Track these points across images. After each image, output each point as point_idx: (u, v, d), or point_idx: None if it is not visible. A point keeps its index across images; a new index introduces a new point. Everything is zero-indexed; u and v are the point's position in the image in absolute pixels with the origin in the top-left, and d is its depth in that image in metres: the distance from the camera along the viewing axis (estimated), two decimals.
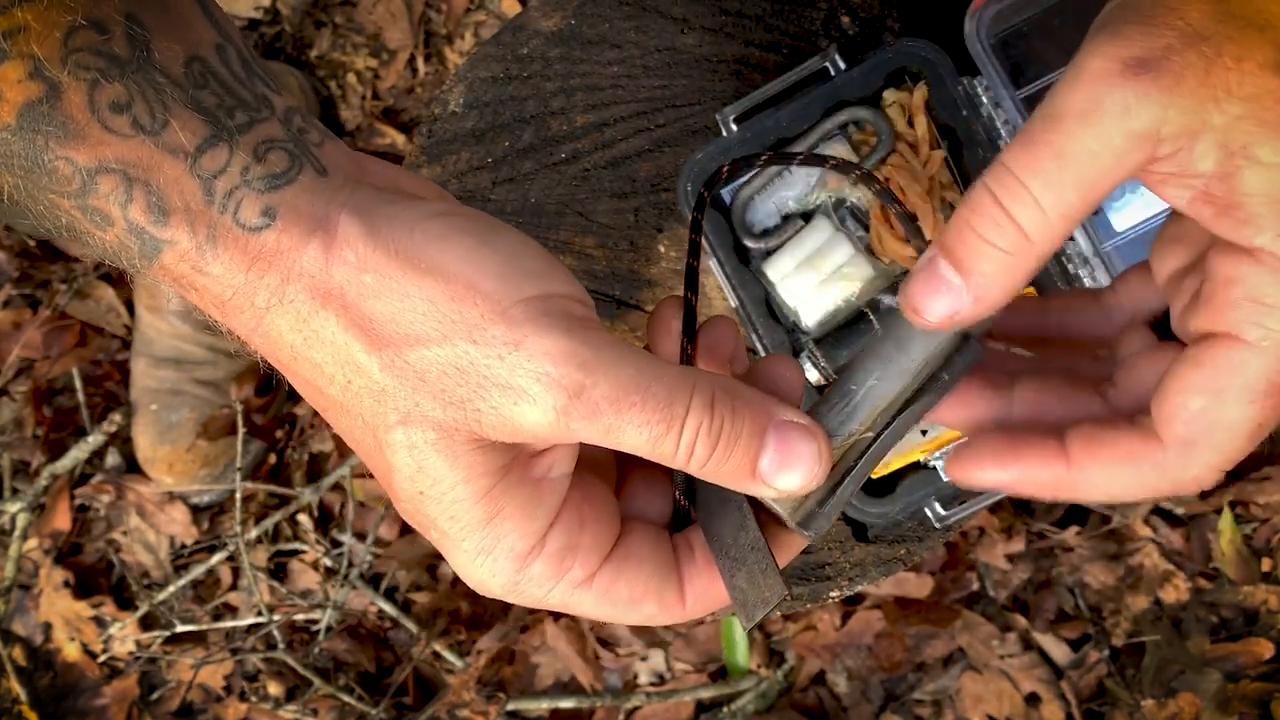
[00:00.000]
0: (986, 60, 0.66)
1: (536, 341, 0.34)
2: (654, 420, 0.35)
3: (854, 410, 0.38)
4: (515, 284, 0.35)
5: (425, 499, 0.36)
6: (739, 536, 0.39)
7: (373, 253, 0.35)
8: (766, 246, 0.68)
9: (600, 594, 0.38)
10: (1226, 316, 0.34)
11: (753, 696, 1.24)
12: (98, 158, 0.34)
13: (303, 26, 1.35)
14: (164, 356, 1.25)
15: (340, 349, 0.35)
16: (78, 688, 1.32)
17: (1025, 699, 1.23)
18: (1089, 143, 0.33)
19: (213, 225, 0.35)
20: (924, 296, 0.35)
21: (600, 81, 0.75)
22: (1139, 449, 0.36)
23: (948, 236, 0.35)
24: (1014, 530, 1.25)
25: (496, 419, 0.35)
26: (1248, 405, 0.34)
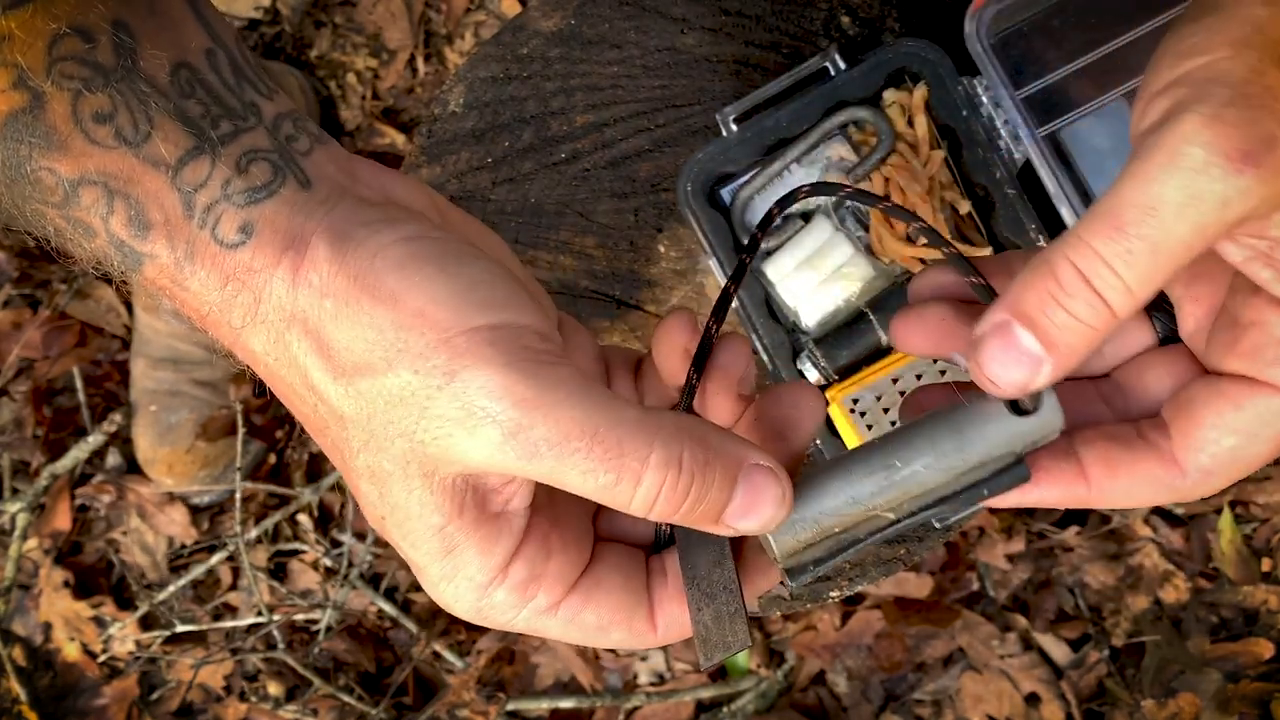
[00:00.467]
0: (986, 60, 0.66)
1: (474, 374, 0.33)
2: (600, 468, 0.33)
3: (891, 488, 0.36)
4: (465, 313, 0.34)
5: (387, 524, 0.36)
6: (714, 572, 0.38)
7: (334, 277, 0.34)
8: (766, 246, 0.68)
9: (566, 621, 0.37)
10: (1272, 372, 0.35)
11: (753, 696, 1.24)
12: (80, 169, 0.34)
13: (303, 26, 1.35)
14: (161, 357, 1.25)
15: (305, 373, 0.35)
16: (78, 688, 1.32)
17: (1025, 699, 1.23)
18: (1185, 235, 0.32)
19: (191, 240, 0.34)
20: (1003, 367, 0.34)
21: (600, 81, 0.75)
22: (1157, 472, 0.37)
23: (1028, 306, 0.34)
24: (1014, 530, 1.25)
25: (438, 451, 0.34)
26: (1270, 446, 0.36)
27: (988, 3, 0.66)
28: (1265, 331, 0.35)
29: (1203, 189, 0.31)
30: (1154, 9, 0.66)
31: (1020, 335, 0.33)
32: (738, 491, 0.35)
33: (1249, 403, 0.35)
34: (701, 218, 0.68)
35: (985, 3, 0.66)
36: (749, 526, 0.36)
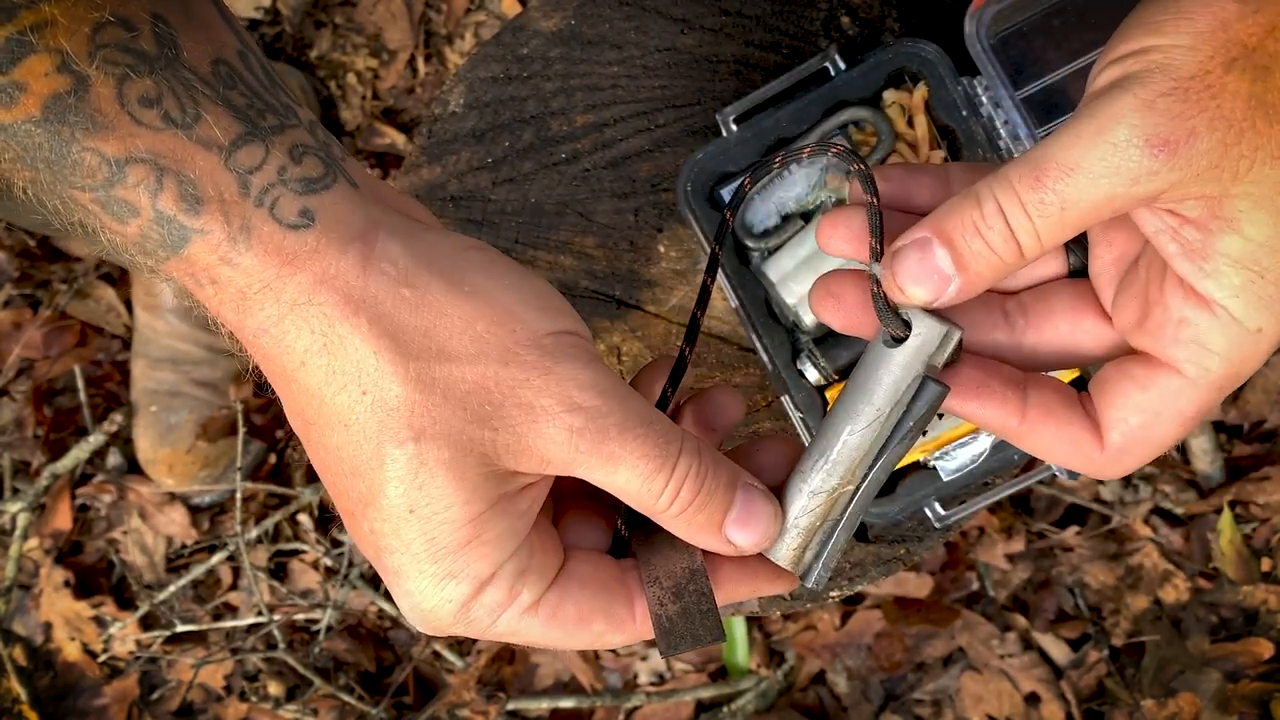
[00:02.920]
0: (986, 60, 0.66)
1: (565, 368, 0.37)
2: (651, 454, 0.37)
3: (833, 466, 0.40)
4: (550, 318, 0.38)
5: (410, 518, 0.36)
6: (679, 574, 0.40)
7: (415, 269, 0.36)
8: (766, 246, 0.68)
9: (548, 617, 0.39)
10: (1173, 351, 0.37)
11: (753, 696, 1.24)
12: (127, 149, 0.34)
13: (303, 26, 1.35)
14: (162, 357, 1.25)
15: (362, 358, 0.36)
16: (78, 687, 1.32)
17: (1025, 699, 1.23)
18: (1095, 199, 0.35)
19: (247, 218, 0.35)
20: (918, 282, 0.37)
21: (600, 81, 0.75)
22: (1082, 438, 0.39)
23: (949, 228, 0.37)
24: (1014, 530, 1.25)
25: (511, 439, 0.36)
26: (1175, 426, 0.38)
27: (988, 3, 0.66)
28: (1167, 312, 0.37)
29: (1118, 164, 0.34)
30: None
31: (937, 252, 0.37)
32: (737, 501, 0.39)
33: (1152, 384, 0.38)
34: (701, 218, 0.68)
35: (985, 3, 0.66)
36: (745, 540, 0.39)
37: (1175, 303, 0.37)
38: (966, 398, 0.40)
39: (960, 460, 0.67)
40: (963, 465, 0.67)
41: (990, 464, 0.67)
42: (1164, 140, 0.34)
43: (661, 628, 0.39)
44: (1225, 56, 0.34)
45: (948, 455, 0.67)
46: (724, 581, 0.41)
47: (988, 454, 0.67)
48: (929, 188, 0.42)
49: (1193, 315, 0.37)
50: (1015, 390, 0.40)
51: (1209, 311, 0.36)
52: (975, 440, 0.66)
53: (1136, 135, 0.34)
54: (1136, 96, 0.34)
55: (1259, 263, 0.35)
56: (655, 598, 0.40)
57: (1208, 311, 0.36)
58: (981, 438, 0.66)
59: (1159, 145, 0.34)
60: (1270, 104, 0.34)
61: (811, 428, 0.68)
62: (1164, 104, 0.34)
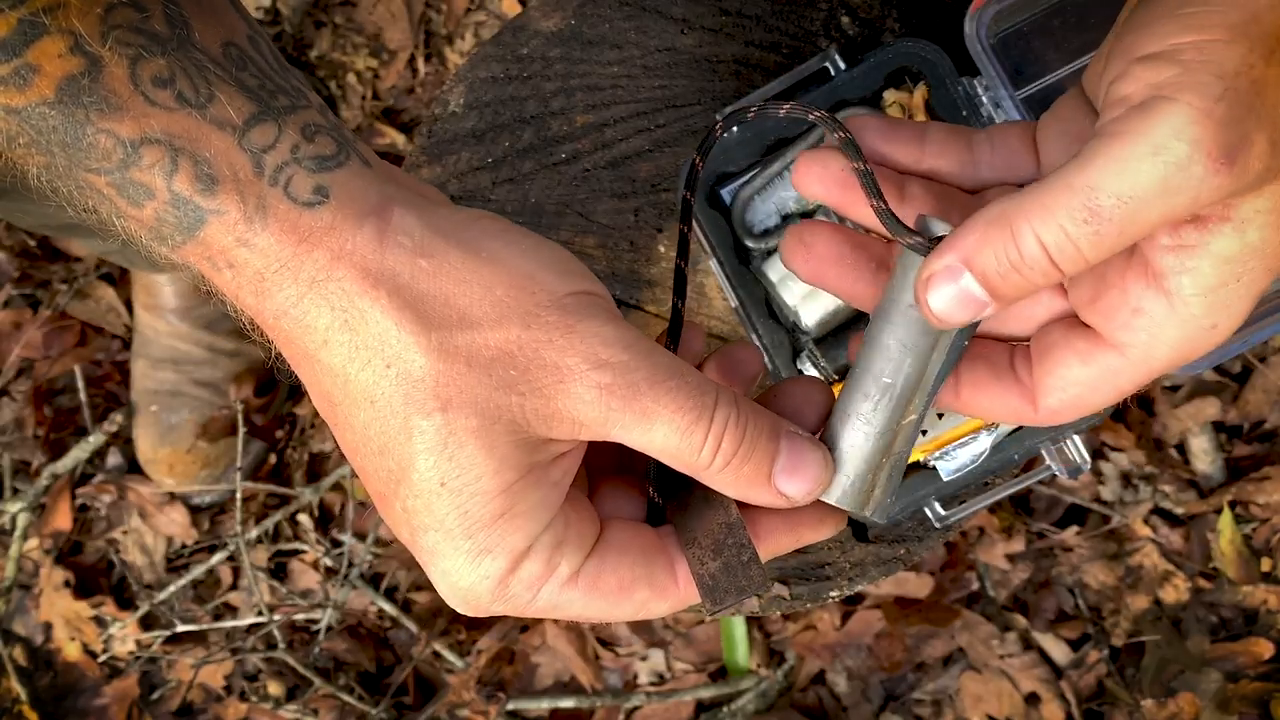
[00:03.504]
0: (986, 60, 0.66)
1: (588, 325, 0.36)
2: (687, 407, 0.36)
3: (896, 400, 0.40)
4: (568, 279, 0.37)
5: (441, 492, 0.36)
6: (717, 530, 0.39)
7: (432, 239, 0.36)
8: (766, 246, 0.68)
9: (588, 587, 0.38)
10: (1122, 335, 0.37)
11: (753, 696, 1.24)
12: (141, 129, 0.34)
13: (303, 26, 1.35)
14: (162, 357, 1.25)
15: (384, 331, 0.35)
16: (78, 687, 1.32)
17: (1025, 699, 1.23)
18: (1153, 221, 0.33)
19: (263, 197, 0.35)
20: (949, 308, 0.37)
21: (600, 81, 0.75)
22: (1014, 403, 0.40)
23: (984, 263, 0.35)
24: (1014, 530, 1.25)
25: (540, 402, 0.36)
26: (1109, 398, 0.39)
27: (988, 3, 0.66)
28: (1124, 299, 0.37)
29: (1181, 184, 0.32)
30: None
31: (971, 285, 0.36)
32: (782, 449, 0.38)
33: (1094, 359, 0.38)
34: (701, 218, 0.68)
35: (985, 3, 0.66)
36: (797, 490, 0.38)
37: (1135, 290, 0.36)
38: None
39: (960, 460, 0.67)
40: (963, 465, 0.67)
41: (990, 464, 0.67)
42: (1226, 152, 0.31)
43: (705, 586, 0.39)
44: (1264, 49, 0.32)
45: (948, 455, 0.67)
46: (765, 535, 0.40)
47: (988, 454, 0.67)
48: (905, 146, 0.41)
49: (1150, 306, 0.36)
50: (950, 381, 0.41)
51: (1168, 304, 0.36)
52: (975, 440, 0.67)
53: (1198, 151, 0.31)
54: (1192, 106, 0.31)
55: (1244, 264, 0.34)
56: (695, 558, 0.39)
57: (1166, 303, 0.36)
58: (981, 437, 0.66)
59: (1222, 158, 0.31)
60: None
61: None
62: (1220, 111, 0.31)
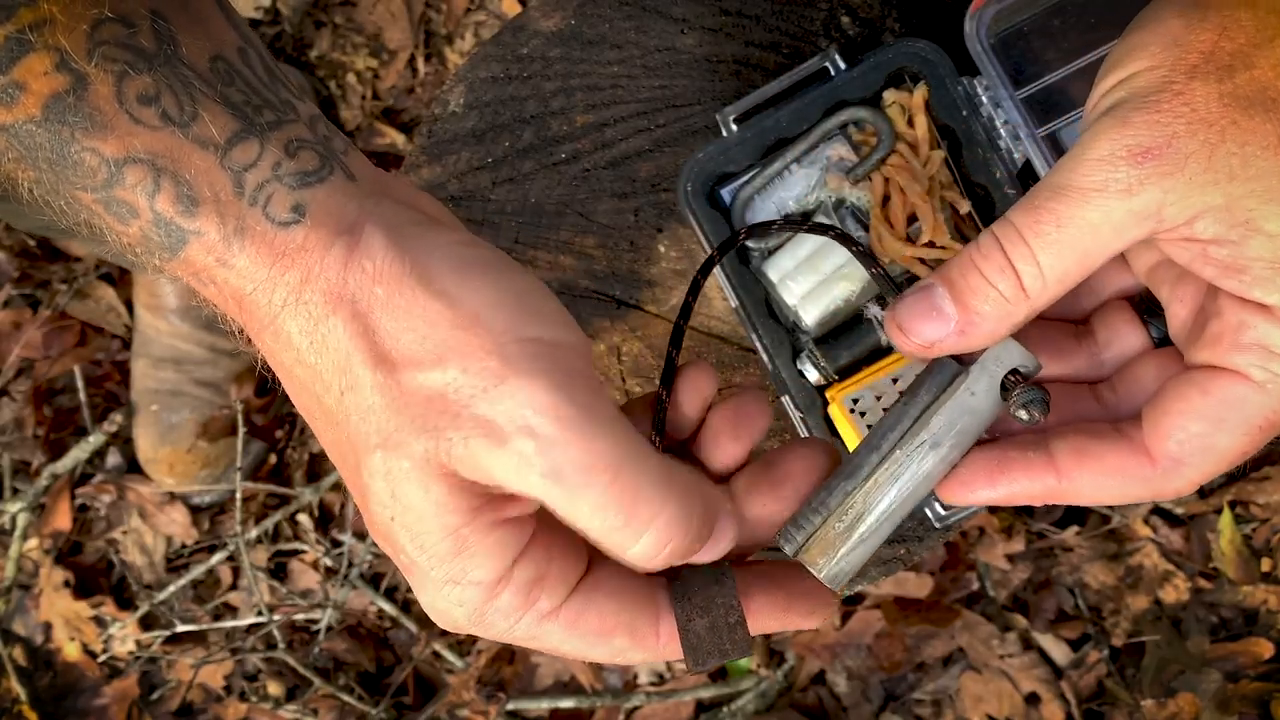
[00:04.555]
0: (986, 60, 0.66)
1: (522, 384, 0.34)
2: (612, 508, 0.34)
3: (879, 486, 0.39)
4: (519, 323, 0.35)
5: (395, 525, 0.36)
6: (710, 588, 0.39)
7: (389, 266, 0.35)
8: (767, 246, 0.68)
9: (568, 625, 0.37)
10: (1235, 358, 0.36)
11: (753, 696, 1.24)
12: (125, 149, 0.34)
13: (303, 26, 1.35)
14: (163, 357, 1.25)
15: (342, 357, 0.35)
16: (78, 687, 1.32)
17: (1025, 699, 1.23)
18: (1091, 215, 0.35)
19: (241, 217, 0.35)
20: (915, 319, 0.38)
21: (600, 81, 0.75)
22: (1127, 463, 0.38)
23: (951, 270, 0.38)
24: (1014, 530, 1.25)
25: (465, 454, 0.34)
26: (1241, 436, 0.36)
27: (988, 3, 0.66)
28: (1223, 321, 0.37)
29: (1105, 178, 0.35)
30: None
31: (938, 295, 0.37)
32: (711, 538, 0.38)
33: (1215, 388, 0.37)
34: (701, 218, 0.68)
35: (985, 3, 0.66)
36: (703, 559, 0.39)
37: (1232, 311, 0.36)
38: (992, 481, 0.39)
39: None
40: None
41: None
42: (1145, 149, 0.35)
43: (689, 642, 0.38)
44: (1185, 66, 0.35)
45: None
46: (755, 613, 0.40)
47: None
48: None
49: (1252, 320, 0.36)
50: (1036, 449, 0.39)
51: (1267, 316, 0.36)
52: None
53: (1118, 148, 0.35)
54: (1113, 116, 0.36)
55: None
56: (683, 613, 0.39)
57: (1266, 316, 0.36)
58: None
59: (1140, 154, 0.35)
60: (1245, 98, 0.34)
61: (811, 428, 0.68)
62: (1138, 117, 0.35)
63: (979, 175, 0.67)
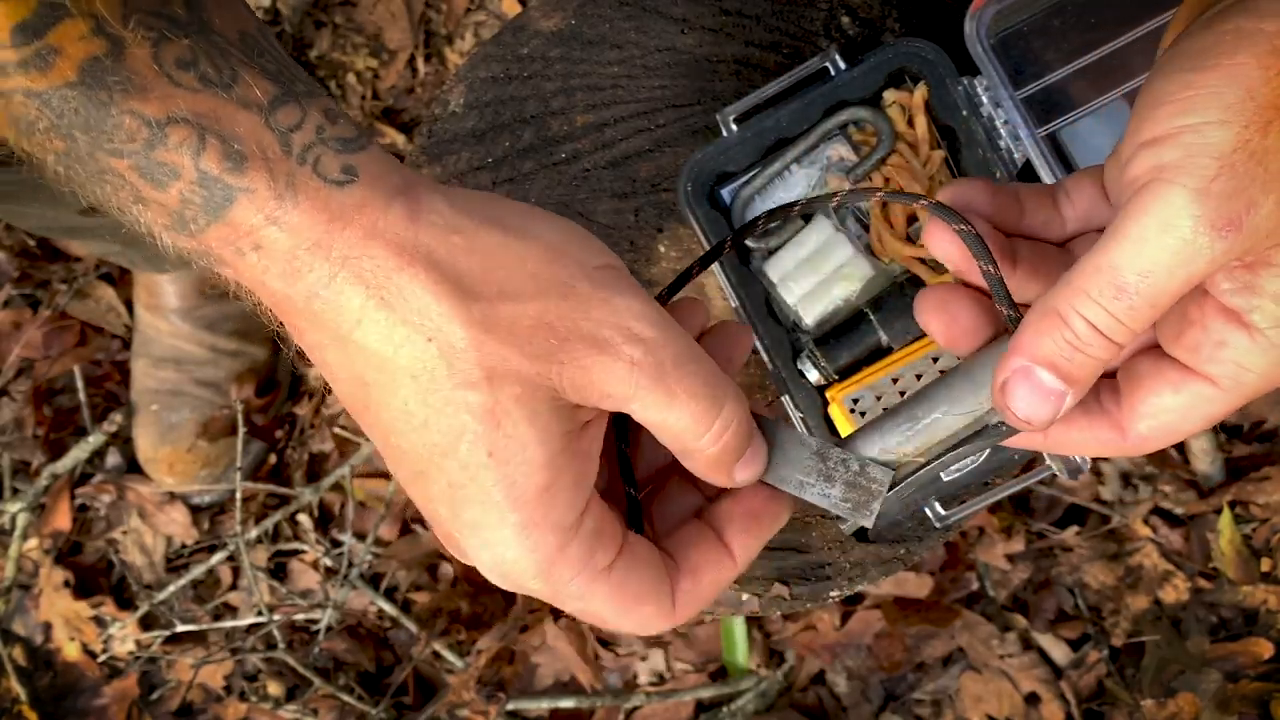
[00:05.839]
0: (986, 60, 0.66)
1: (620, 300, 0.37)
2: (703, 394, 0.38)
3: (913, 435, 0.42)
4: (593, 253, 0.38)
5: (489, 463, 0.36)
6: (816, 465, 0.42)
7: (460, 217, 0.37)
8: (767, 246, 0.68)
9: (615, 585, 0.39)
10: (1210, 368, 0.39)
11: (753, 696, 1.24)
12: (168, 109, 0.34)
13: (303, 26, 1.35)
14: (164, 357, 1.25)
15: (424, 306, 0.36)
16: (78, 687, 1.32)
17: (1025, 699, 1.23)
18: (1177, 289, 0.36)
19: (292, 175, 0.35)
20: (1033, 406, 0.39)
21: (600, 81, 0.75)
22: (1105, 435, 0.42)
23: (1045, 352, 0.38)
24: (1014, 530, 1.25)
25: (577, 372, 0.36)
26: (1200, 425, 0.40)
27: (988, 3, 0.66)
28: (1205, 333, 0.39)
29: (1192, 254, 0.35)
30: (1153, 9, 0.66)
31: (1046, 379, 0.38)
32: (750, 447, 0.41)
33: (1187, 388, 0.40)
34: (701, 218, 0.68)
35: (985, 3, 0.66)
36: (746, 478, 0.41)
37: (1215, 325, 0.39)
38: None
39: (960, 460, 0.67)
40: (963, 465, 0.67)
41: (990, 464, 0.67)
42: (1227, 221, 0.35)
43: (845, 511, 0.42)
44: (1261, 121, 0.34)
45: None
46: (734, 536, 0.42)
47: (988, 454, 0.67)
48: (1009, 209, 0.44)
49: (1233, 339, 0.38)
50: None
51: (1248, 336, 0.38)
52: None
53: (1201, 224, 0.35)
54: (1188, 188, 0.35)
55: None
56: (818, 496, 0.42)
57: (1247, 335, 0.38)
58: None
59: (1224, 227, 0.35)
60: None
61: (812, 428, 0.68)
62: (1217, 187, 0.35)
63: (979, 175, 0.67)
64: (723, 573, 0.41)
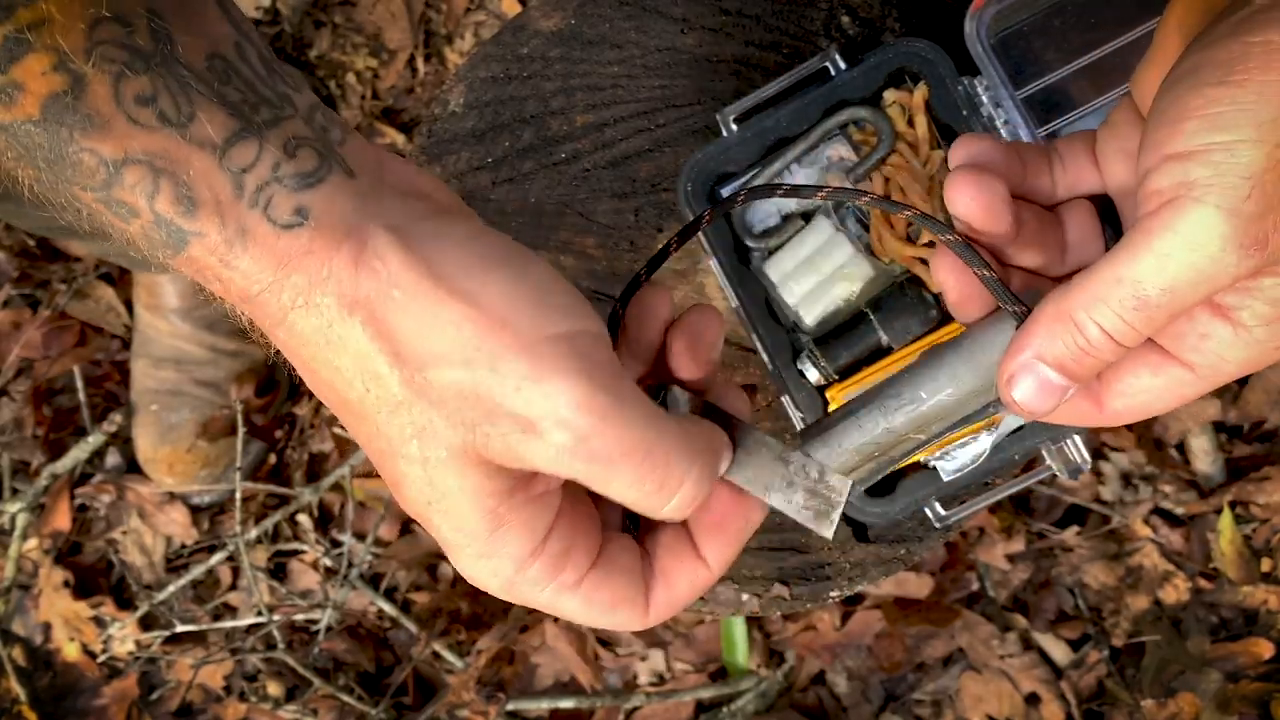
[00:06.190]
0: (986, 60, 0.66)
1: (557, 382, 0.35)
2: (647, 480, 0.36)
3: (916, 415, 0.42)
4: (545, 319, 0.36)
5: (432, 509, 0.37)
6: (779, 469, 0.42)
7: (404, 270, 0.35)
8: (767, 246, 0.68)
9: (585, 598, 0.39)
10: (1191, 357, 0.40)
11: (753, 696, 1.24)
12: (124, 149, 0.34)
13: (303, 26, 1.35)
14: (164, 356, 1.25)
15: (362, 358, 0.36)
16: (77, 688, 1.32)
17: (1025, 699, 1.23)
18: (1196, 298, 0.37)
19: (242, 220, 0.35)
20: (1039, 402, 0.40)
21: (600, 81, 0.75)
22: (1084, 408, 0.43)
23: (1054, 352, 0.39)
24: (1014, 530, 1.25)
25: (503, 446, 0.35)
26: (1174, 404, 0.42)
27: (988, 3, 0.66)
28: (1191, 324, 0.40)
29: (1218, 271, 0.36)
30: (1153, 9, 0.66)
31: (1051, 375, 0.39)
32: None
33: (1163, 371, 0.41)
34: None
35: (985, 3, 0.66)
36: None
37: (1202, 318, 0.39)
38: None
39: (960, 460, 0.67)
40: (963, 465, 0.67)
41: (990, 464, 0.67)
42: (1255, 241, 0.35)
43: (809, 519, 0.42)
44: None
45: (948, 455, 0.67)
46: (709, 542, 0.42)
47: (988, 454, 0.66)
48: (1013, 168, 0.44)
49: (1217, 332, 0.39)
50: None
51: (1233, 330, 0.39)
52: (975, 440, 0.66)
53: (1230, 244, 0.35)
54: (1220, 209, 0.35)
55: None
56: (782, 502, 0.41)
57: (1231, 330, 0.39)
58: (982, 437, 0.66)
59: (1251, 246, 0.35)
60: None
61: None
62: (1249, 208, 0.35)
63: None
64: (698, 579, 0.42)
